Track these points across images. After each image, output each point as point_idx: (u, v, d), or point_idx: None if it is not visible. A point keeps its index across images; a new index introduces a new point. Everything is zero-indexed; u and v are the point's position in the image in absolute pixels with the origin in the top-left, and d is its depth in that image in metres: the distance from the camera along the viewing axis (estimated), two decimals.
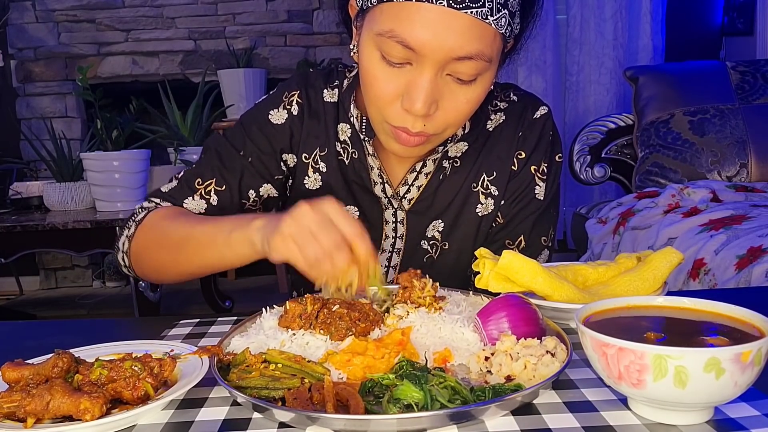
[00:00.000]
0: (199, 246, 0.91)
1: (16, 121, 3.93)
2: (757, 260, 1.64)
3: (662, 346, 0.52)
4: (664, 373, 0.52)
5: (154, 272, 1.03)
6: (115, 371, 0.63)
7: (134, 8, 3.89)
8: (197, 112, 3.10)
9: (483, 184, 1.05)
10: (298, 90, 1.05)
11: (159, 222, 0.99)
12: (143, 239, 1.00)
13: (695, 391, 0.52)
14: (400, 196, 1.05)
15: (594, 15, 3.64)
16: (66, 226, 2.52)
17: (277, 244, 0.76)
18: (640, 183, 2.75)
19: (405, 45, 0.80)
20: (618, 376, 0.55)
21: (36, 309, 3.65)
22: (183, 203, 1.02)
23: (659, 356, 0.52)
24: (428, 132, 0.88)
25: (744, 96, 2.70)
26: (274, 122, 1.04)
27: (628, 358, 0.53)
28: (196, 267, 0.96)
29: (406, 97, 0.84)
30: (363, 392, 0.61)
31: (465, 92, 0.85)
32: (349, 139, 1.04)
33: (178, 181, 1.05)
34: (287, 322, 0.74)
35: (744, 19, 3.60)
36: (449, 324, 0.73)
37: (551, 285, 0.82)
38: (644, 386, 0.53)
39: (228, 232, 0.86)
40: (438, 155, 1.03)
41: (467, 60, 0.81)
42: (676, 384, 0.52)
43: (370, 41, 0.85)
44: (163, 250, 0.98)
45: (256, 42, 3.86)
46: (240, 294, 3.69)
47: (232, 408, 0.62)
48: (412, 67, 0.83)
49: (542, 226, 1.07)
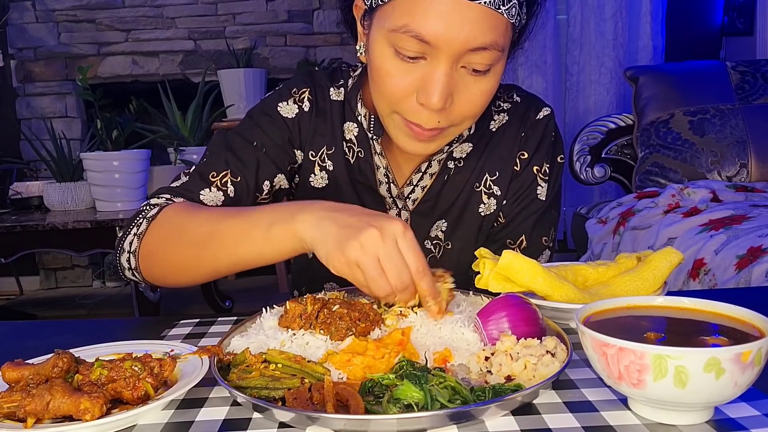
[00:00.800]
0: (229, 241, 0.84)
1: (16, 121, 3.93)
2: (757, 260, 1.64)
3: (662, 346, 0.52)
4: (664, 373, 0.52)
5: (169, 273, 0.94)
6: (115, 371, 0.63)
7: (134, 8, 3.89)
8: (197, 112, 3.10)
9: (486, 184, 1.05)
10: (308, 88, 1.04)
11: (175, 217, 0.92)
12: (157, 236, 0.92)
13: (695, 391, 0.52)
14: (404, 196, 1.05)
15: (594, 15, 3.64)
16: (66, 226, 2.52)
17: (341, 267, 0.72)
18: (640, 183, 2.75)
19: (420, 39, 0.80)
20: (618, 376, 0.55)
21: (36, 309, 3.65)
22: (199, 195, 0.97)
23: (659, 356, 0.52)
24: (443, 126, 0.88)
25: (744, 96, 2.70)
26: (284, 115, 1.03)
27: (628, 358, 0.53)
28: (225, 265, 0.88)
29: (422, 91, 0.84)
30: (363, 392, 0.61)
31: (479, 84, 0.86)
32: (356, 138, 1.04)
33: (188, 176, 1.00)
34: (287, 322, 0.74)
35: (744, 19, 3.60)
36: (449, 324, 0.73)
37: (551, 285, 0.82)
38: (644, 386, 0.53)
39: (267, 226, 0.80)
40: (443, 156, 1.03)
41: (482, 51, 0.81)
42: (676, 384, 0.52)
43: (382, 38, 0.84)
44: (183, 247, 0.90)
45: (256, 42, 3.86)
46: (240, 294, 3.69)
47: (232, 408, 0.62)
48: (427, 61, 0.83)
49: (543, 227, 1.07)
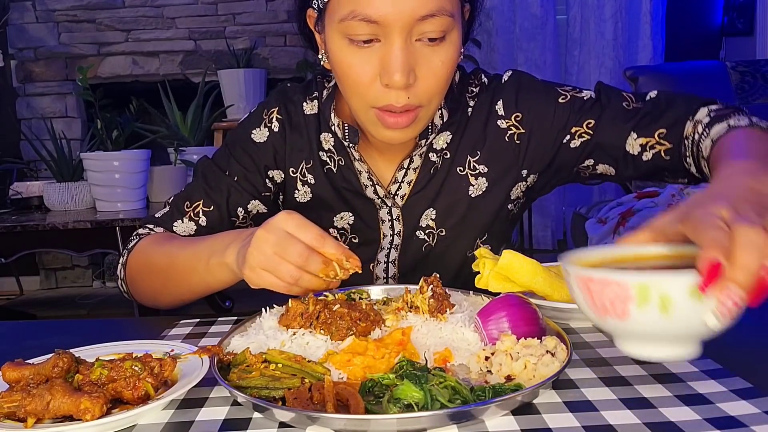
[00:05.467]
0: (183, 273, 0.94)
1: (16, 121, 3.93)
2: None
3: (645, 275, 0.52)
4: (648, 301, 0.52)
5: (149, 299, 1.06)
6: (116, 371, 0.63)
7: (134, 8, 3.89)
8: (197, 112, 3.09)
9: (470, 165, 1.05)
10: (277, 106, 1.07)
11: (146, 249, 1.01)
12: (135, 267, 1.03)
13: (680, 318, 0.52)
14: (392, 194, 1.05)
15: (594, 15, 3.65)
16: (66, 226, 2.51)
17: (252, 278, 0.79)
18: (640, 183, 2.74)
19: (369, 20, 0.83)
20: (603, 310, 0.55)
21: (36, 309, 3.65)
22: (173, 226, 1.05)
23: (643, 285, 0.52)
24: (413, 104, 0.89)
25: (744, 96, 2.71)
26: (257, 140, 1.06)
27: (612, 290, 0.53)
28: (186, 293, 0.99)
29: (384, 73, 0.85)
30: (363, 392, 0.61)
31: (438, 54, 0.87)
32: (333, 147, 1.05)
33: (168, 207, 1.07)
34: (288, 321, 0.74)
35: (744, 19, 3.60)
36: (449, 324, 0.73)
37: (551, 285, 0.82)
38: (629, 317, 0.53)
39: (206, 259, 0.89)
40: (423, 149, 1.03)
41: (430, 18, 0.83)
42: (661, 311, 0.52)
43: (335, 32, 0.87)
44: (152, 277, 1.00)
45: (256, 42, 3.86)
46: (240, 294, 3.66)
47: (232, 408, 0.62)
48: (381, 42, 0.85)
49: (610, 98, 1.00)
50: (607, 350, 0.72)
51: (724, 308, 0.50)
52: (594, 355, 0.71)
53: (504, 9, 3.79)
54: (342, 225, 1.07)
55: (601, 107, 1.00)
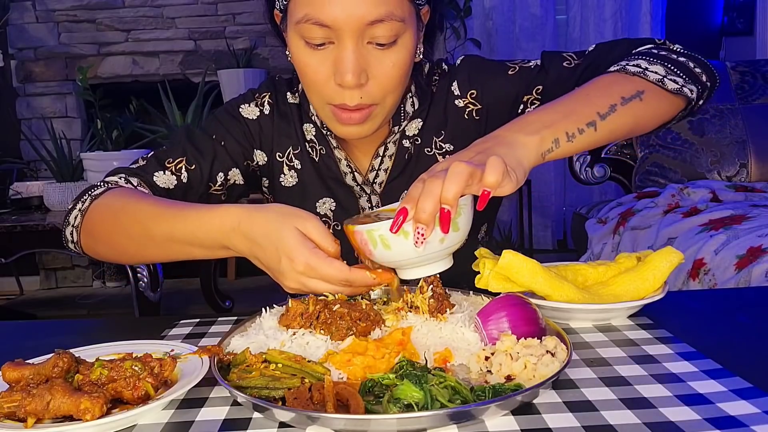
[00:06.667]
0: (161, 242, 0.87)
1: (16, 121, 3.94)
2: (756, 260, 1.64)
3: (370, 225, 0.72)
4: (375, 241, 0.72)
5: (108, 253, 0.99)
6: (116, 371, 0.63)
7: (134, 8, 3.89)
8: (197, 112, 3.10)
9: (436, 145, 1.08)
10: (268, 92, 1.11)
11: (114, 204, 0.95)
12: (98, 216, 0.95)
13: (399, 249, 0.71)
14: (370, 181, 1.08)
15: (594, 15, 3.65)
16: None
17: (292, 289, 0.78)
18: (640, 183, 2.75)
19: (321, 24, 0.86)
20: (368, 253, 0.73)
21: (36, 309, 3.65)
22: (153, 176, 1.03)
23: (368, 231, 0.72)
24: (366, 103, 0.92)
25: (744, 96, 2.71)
26: (245, 115, 1.10)
27: (361, 237, 0.73)
28: (156, 257, 0.94)
29: (337, 73, 0.89)
30: (363, 392, 0.61)
31: (389, 56, 0.90)
32: (315, 137, 1.09)
33: (146, 161, 1.07)
34: (288, 320, 0.74)
35: (744, 19, 3.60)
36: (449, 324, 0.73)
37: (551, 285, 0.82)
38: (372, 254, 0.73)
39: (196, 232, 0.82)
40: (396, 136, 1.06)
41: (379, 23, 0.86)
42: (384, 248, 0.72)
43: (293, 33, 0.91)
44: (120, 235, 0.93)
45: (256, 42, 3.86)
46: (240, 294, 3.69)
47: (232, 408, 0.62)
48: (335, 45, 0.89)
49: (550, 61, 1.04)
50: (607, 350, 0.72)
51: (419, 236, 0.69)
52: (594, 355, 0.71)
53: (504, 9, 3.79)
54: (324, 211, 1.10)
55: (545, 72, 1.04)
